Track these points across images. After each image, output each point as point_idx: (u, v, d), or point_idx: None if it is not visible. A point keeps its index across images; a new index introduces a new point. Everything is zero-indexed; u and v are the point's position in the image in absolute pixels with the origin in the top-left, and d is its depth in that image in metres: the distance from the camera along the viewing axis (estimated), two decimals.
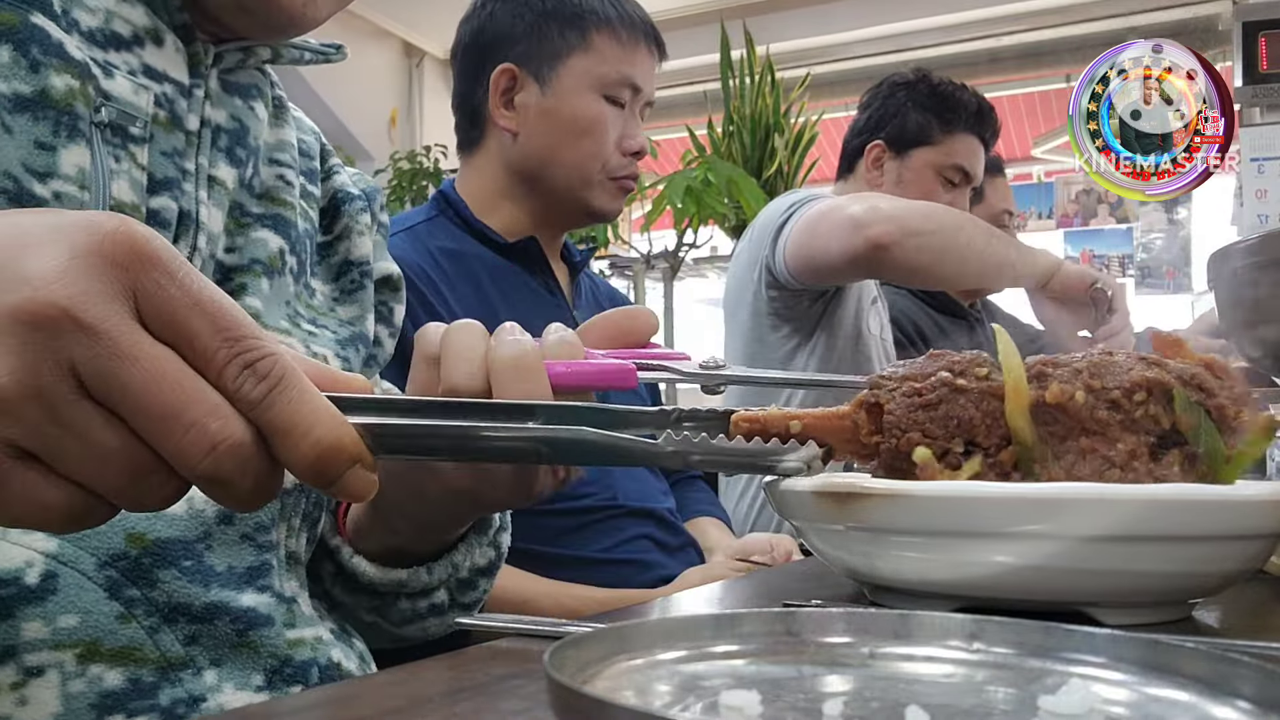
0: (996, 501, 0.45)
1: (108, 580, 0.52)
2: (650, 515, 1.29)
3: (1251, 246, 0.74)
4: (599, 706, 0.23)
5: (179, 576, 0.54)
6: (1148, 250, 4.91)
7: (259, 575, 0.58)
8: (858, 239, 1.47)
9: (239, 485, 0.35)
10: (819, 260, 1.57)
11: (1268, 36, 1.74)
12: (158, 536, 0.54)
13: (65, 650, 0.51)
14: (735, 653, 0.33)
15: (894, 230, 1.45)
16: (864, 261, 1.49)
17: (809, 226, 1.58)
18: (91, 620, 0.52)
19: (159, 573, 0.54)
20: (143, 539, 0.54)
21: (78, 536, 0.52)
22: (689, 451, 0.45)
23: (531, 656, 0.44)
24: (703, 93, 4.08)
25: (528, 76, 1.32)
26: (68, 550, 0.52)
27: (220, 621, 0.55)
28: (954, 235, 1.46)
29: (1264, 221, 1.62)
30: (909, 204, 1.53)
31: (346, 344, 0.70)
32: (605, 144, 1.32)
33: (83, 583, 0.52)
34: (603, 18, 1.32)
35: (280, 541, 0.61)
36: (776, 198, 1.81)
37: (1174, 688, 0.30)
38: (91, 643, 0.51)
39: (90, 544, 0.52)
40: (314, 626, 0.61)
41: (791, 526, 0.55)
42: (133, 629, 0.53)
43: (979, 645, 0.33)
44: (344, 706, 0.39)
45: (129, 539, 0.53)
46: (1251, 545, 0.47)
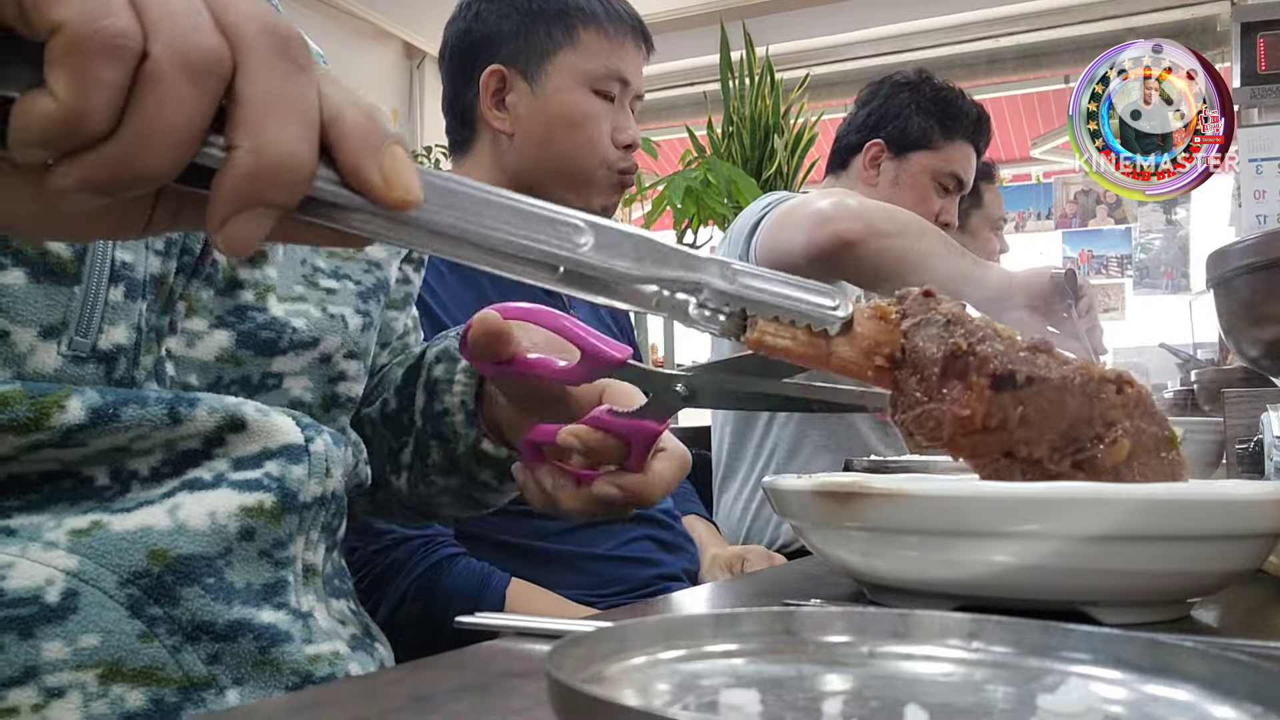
0: (996, 501, 0.45)
1: (129, 598, 0.52)
2: (651, 519, 1.30)
3: (1250, 247, 0.74)
4: (599, 706, 0.23)
5: (202, 594, 0.53)
6: (1146, 250, 4.92)
7: (275, 592, 0.58)
8: (822, 233, 1.47)
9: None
10: (783, 254, 1.56)
11: (1267, 37, 1.74)
12: (180, 553, 0.53)
13: (87, 671, 0.50)
14: (735, 652, 0.33)
15: (860, 228, 1.44)
16: (827, 256, 1.48)
17: (779, 220, 1.57)
18: (113, 640, 0.51)
19: (181, 590, 0.53)
20: (165, 555, 0.53)
21: (99, 553, 0.51)
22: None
23: (531, 656, 0.44)
24: (702, 93, 4.08)
25: (517, 76, 1.32)
26: (89, 568, 0.51)
27: (243, 639, 0.55)
28: (916, 241, 1.45)
29: (1262, 222, 1.62)
30: (877, 205, 1.52)
31: (368, 296, 0.69)
32: (600, 137, 1.32)
33: (104, 601, 0.51)
34: (589, 14, 1.32)
35: (298, 556, 0.60)
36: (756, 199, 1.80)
37: (1172, 687, 0.30)
38: (114, 663, 0.51)
39: (112, 561, 0.52)
40: (331, 641, 0.60)
41: (791, 526, 0.55)
42: (155, 648, 0.52)
43: (978, 644, 0.33)
44: (344, 706, 0.39)
45: (151, 555, 0.52)
46: (1250, 545, 0.47)
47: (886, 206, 1.53)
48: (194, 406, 0.55)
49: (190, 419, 0.55)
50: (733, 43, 3.62)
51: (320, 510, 0.62)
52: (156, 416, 0.54)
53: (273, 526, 0.57)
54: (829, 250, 1.46)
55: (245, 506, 0.56)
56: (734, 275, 0.44)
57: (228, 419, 0.57)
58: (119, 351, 0.54)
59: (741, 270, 0.44)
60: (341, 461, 0.63)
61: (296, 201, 0.35)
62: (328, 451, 0.61)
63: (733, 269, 0.44)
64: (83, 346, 0.52)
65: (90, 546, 0.51)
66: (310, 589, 0.62)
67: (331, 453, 0.62)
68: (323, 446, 0.61)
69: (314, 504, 0.61)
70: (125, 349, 0.54)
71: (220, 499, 0.56)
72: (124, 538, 0.52)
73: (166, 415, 0.54)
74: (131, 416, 0.53)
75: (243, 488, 0.57)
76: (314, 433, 0.61)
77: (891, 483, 0.48)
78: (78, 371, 0.52)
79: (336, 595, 0.66)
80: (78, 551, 0.51)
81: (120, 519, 0.53)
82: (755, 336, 0.45)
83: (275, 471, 0.58)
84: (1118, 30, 4.23)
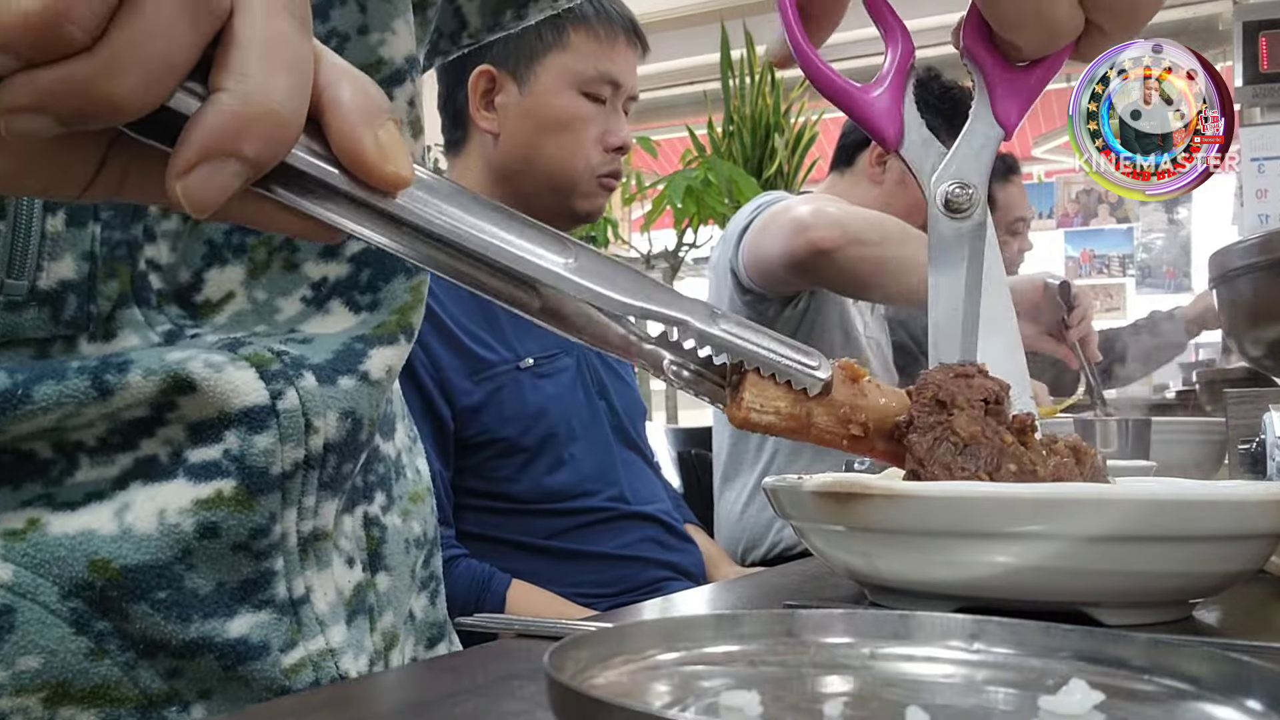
0: (996, 501, 0.45)
1: (73, 613, 0.45)
2: (653, 520, 1.30)
3: (1252, 246, 0.74)
4: (599, 706, 0.23)
5: (151, 612, 0.47)
6: (1148, 250, 4.92)
7: (258, 588, 0.50)
8: (799, 241, 1.46)
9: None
10: (764, 261, 1.56)
11: (1268, 36, 1.74)
12: (124, 564, 0.46)
13: (29, 695, 0.45)
14: (735, 653, 0.33)
15: (836, 236, 1.43)
16: (804, 265, 1.47)
17: (761, 227, 1.57)
18: (58, 660, 0.45)
19: (129, 607, 0.46)
20: (107, 567, 0.46)
21: (36, 562, 0.45)
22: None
23: (531, 656, 0.44)
24: (703, 93, 4.08)
25: (506, 77, 1.32)
26: (26, 579, 0.45)
27: (204, 658, 0.48)
28: (898, 248, 1.44)
29: (1264, 221, 1.61)
30: (858, 211, 1.52)
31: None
32: (585, 141, 1.32)
33: (44, 617, 0.45)
34: (580, 15, 1.32)
35: (290, 532, 0.51)
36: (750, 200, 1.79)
37: (1174, 688, 0.30)
38: (60, 684, 0.45)
39: (51, 571, 0.45)
40: (324, 632, 0.52)
41: (792, 527, 0.55)
42: (106, 666, 0.46)
43: (979, 645, 0.33)
44: (345, 707, 0.39)
45: (91, 567, 0.46)
46: (1252, 545, 0.47)
47: (868, 213, 1.52)
48: (125, 372, 0.46)
49: (123, 387, 0.46)
50: (733, 41, 3.62)
51: (311, 472, 0.51)
52: (78, 391, 0.45)
53: (244, 514, 0.48)
54: (805, 259, 1.46)
55: (199, 499, 0.47)
56: (715, 320, 0.41)
57: (171, 380, 0.47)
58: (65, 288, 0.46)
59: (725, 316, 0.41)
60: (335, 403, 0.52)
61: (274, 161, 0.31)
62: (306, 402, 0.50)
63: (716, 314, 0.41)
64: (17, 290, 0.45)
65: (26, 554, 0.45)
66: (313, 559, 0.52)
67: (313, 401, 0.50)
68: (296, 400, 0.50)
69: (298, 470, 0.50)
70: (73, 283, 0.46)
71: (172, 493, 0.47)
72: (62, 543, 0.46)
73: (91, 388, 0.46)
74: (47, 395, 0.45)
75: (198, 475, 0.48)
76: (284, 383, 0.50)
77: (892, 483, 0.48)
78: (13, 319, 0.45)
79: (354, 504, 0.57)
80: (12, 560, 0.45)
81: (62, 518, 0.46)
82: (742, 415, 0.43)
83: (235, 447, 0.48)
84: None
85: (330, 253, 0.55)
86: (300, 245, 0.54)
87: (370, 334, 0.56)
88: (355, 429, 0.54)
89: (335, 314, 0.55)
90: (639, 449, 1.40)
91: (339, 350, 0.54)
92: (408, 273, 0.58)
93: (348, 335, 0.55)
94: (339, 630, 0.53)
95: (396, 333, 0.57)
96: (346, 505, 0.56)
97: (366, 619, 0.56)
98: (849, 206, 1.54)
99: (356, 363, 0.54)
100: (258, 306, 0.53)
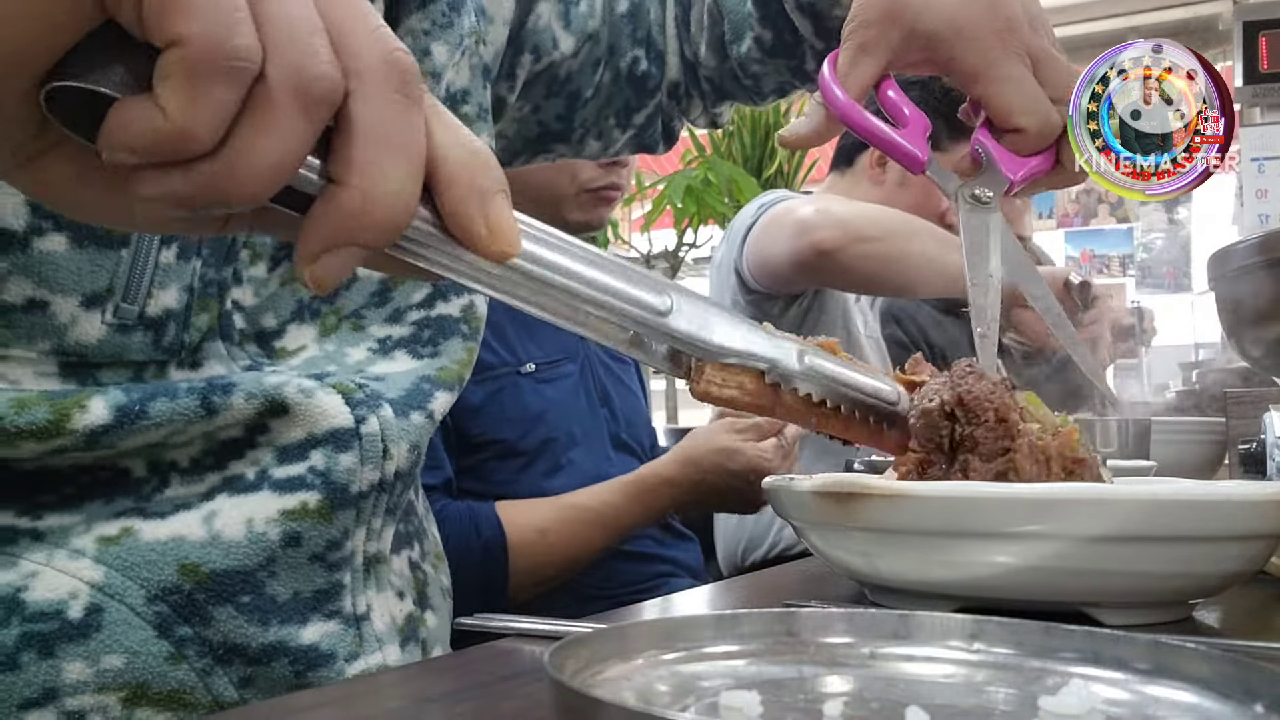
0: (996, 502, 0.45)
1: (157, 616, 0.48)
2: None
3: (1252, 246, 0.74)
4: (599, 706, 0.23)
5: (235, 615, 0.50)
6: (1148, 250, 4.92)
7: (328, 599, 0.53)
8: (802, 242, 1.46)
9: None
10: (770, 263, 1.55)
11: (1268, 36, 1.74)
12: (214, 568, 0.49)
13: (110, 693, 0.47)
14: (735, 653, 0.33)
15: (839, 235, 1.43)
16: (808, 267, 1.47)
17: (764, 229, 1.56)
18: (139, 661, 0.47)
19: (214, 609, 0.49)
20: (197, 571, 0.49)
21: (127, 565, 0.48)
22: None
23: (531, 656, 0.44)
24: None
25: None
26: (116, 581, 0.48)
27: (278, 663, 0.51)
28: (904, 243, 1.43)
29: (1264, 221, 1.61)
30: (862, 208, 1.51)
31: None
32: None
33: (130, 619, 0.48)
34: None
35: (358, 550, 0.55)
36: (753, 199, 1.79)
37: (1174, 688, 0.30)
38: (139, 685, 0.47)
39: (140, 574, 0.48)
40: (381, 649, 0.55)
41: (792, 527, 0.55)
42: (183, 671, 0.48)
43: (979, 646, 0.33)
44: (346, 706, 0.39)
45: (182, 570, 0.49)
46: (1252, 546, 0.47)
47: (873, 210, 1.51)
48: (229, 394, 0.51)
49: (227, 408, 0.51)
50: None
51: (382, 496, 0.56)
52: (189, 409, 0.50)
53: (323, 526, 0.52)
54: (809, 260, 1.45)
55: (286, 510, 0.51)
56: (802, 358, 0.46)
57: (268, 403, 0.52)
58: (167, 316, 0.50)
59: (809, 350, 0.46)
60: (406, 435, 0.57)
61: (390, 242, 0.33)
62: (385, 429, 0.55)
63: (804, 352, 0.46)
64: (129, 314, 0.49)
65: (118, 557, 0.48)
66: (373, 581, 0.56)
67: (390, 429, 0.55)
68: (377, 426, 0.55)
69: (372, 491, 0.55)
70: (175, 313, 0.51)
71: (259, 504, 0.51)
72: (154, 548, 0.49)
73: (200, 407, 0.50)
74: (161, 412, 0.49)
75: (284, 488, 0.52)
76: (367, 410, 0.54)
77: (892, 483, 0.48)
78: (123, 340, 0.49)
79: (399, 547, 0.61)
80: (104, 562, 0.48)
81: (153, 526, 0.49)
82: (702, 388, 0.44)
83: (320, 464, 0.53)
84: (1118, 29, 4.23)
85: (395, 318, 0.61)
86: (366, 313, 0.60)
87: (435, 376, 0.61)
88: (416, 461, 0.59)
89: (399, 360, 0.61)
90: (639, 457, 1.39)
91: (409, 389, 0.58)
92: (463, 336, 0.64)
93: (415, 375, 0.60)
94: (394, 650, 0.56)
95: (454, 382, 0.62)
96: (395, 546, 0.60)
97: (419, 648, 0.59)
98: (855, 204, 1.53)
99: (425, 401, 0.59)
100: (328, 355, 0.58)
